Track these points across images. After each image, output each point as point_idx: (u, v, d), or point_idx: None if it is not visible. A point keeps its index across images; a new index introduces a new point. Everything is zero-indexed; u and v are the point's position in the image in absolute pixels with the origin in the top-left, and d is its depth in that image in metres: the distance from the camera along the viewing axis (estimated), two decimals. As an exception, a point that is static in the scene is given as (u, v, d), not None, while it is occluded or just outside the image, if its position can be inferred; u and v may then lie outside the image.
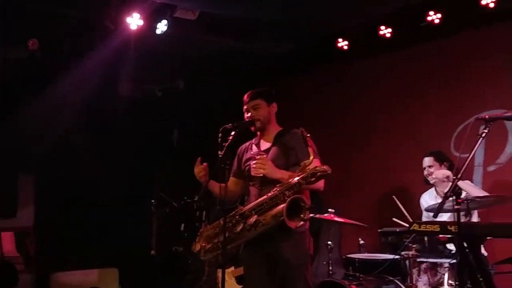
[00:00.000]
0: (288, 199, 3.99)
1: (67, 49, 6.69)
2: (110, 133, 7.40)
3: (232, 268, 5.90)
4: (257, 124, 4.46)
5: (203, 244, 4.41)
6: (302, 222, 4.04)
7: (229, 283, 6.03)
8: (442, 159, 5.63)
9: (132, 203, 7.26)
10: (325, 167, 4.01)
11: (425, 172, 5.66)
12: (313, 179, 4.00)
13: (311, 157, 4.02)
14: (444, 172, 5.33)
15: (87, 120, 7.27)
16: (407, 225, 5.28)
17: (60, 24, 6.44)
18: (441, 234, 4.38)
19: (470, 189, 5.32)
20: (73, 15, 6.34)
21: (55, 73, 6.75)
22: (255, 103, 4.46)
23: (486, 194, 5.22)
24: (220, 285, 4.18)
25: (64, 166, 7.06)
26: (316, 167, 4.00)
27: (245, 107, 4.50)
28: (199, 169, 4.52)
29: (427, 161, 5.66)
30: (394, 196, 5.61)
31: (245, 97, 4.51)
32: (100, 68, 6.75)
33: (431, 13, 6.26)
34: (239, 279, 5.80)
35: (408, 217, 5.43)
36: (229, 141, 4.24)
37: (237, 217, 4.26)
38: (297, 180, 4.01)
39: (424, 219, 5.58)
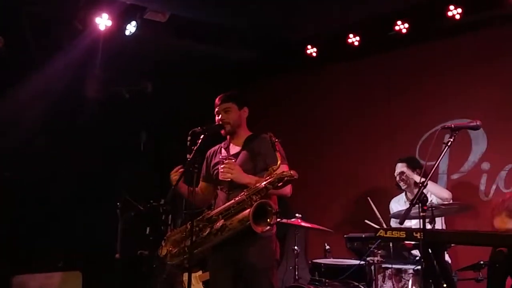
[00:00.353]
0: (255, 204, 4.01)
1: (33, 48, 6.60)
2: (76, 134, 7.29)
3: (200, 272, 5.89)
4: (227, 128, 4.47)
5: (170, 249, 4.40)
6: (268, 227, 4.06)
7: (196, 287, 6.02)
8: (414, 165, 5.70)
9: (97, 206, 7.17)
10: (292, 172, 4.04)
11: (397, 178, 5.72)
12: (280, 184, 4.03)
13: (279, 162, 4.05)
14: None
15: (52, 121, 7.16)
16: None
17: (27, 23, 6.35)
18: (407, 240, 4.46)
19: (437, 190, 5.41)
20: (41, 13, 6.25)
21: (20, 72, 6.65)
22: (226, 106, 4.47)
23: (450, 194, 5.30)
24: (186, 288, 4.15)
25: (27, 167, 6.94)
26: (283, 172, 4.03)
27: (216, 109, 4.50)
28: (175, 174, 4.48)
29: (400, 167, 5.72)
30: (369, 198, 5.66)
31: (217, 99, 4.52)
32: (67, 68, 6.64)
33: (399, 22, 6.34)
34: (206, 284, 5.79)
35: (381, 219, 5.48)
36: (198, 144, 4.23)
37: (204, 221, 4.27)
38: (264, 184, 4.03)
39: (392, 223, 5.65)
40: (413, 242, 4.79)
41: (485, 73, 6.06)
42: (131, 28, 6.45)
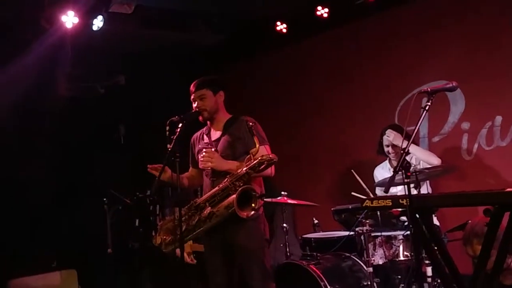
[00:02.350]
0: (238, 190, 4.07)
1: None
2: (55, 133, 7.25)
3: (191, 242, 5.87)
4: (204, 115, 4.47)
5: (164, 237, 4.46)
6: (253, 212, 4.13)
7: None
8: (401, 133, 5.50)
9: (84, 203, 7.15)
10: (271, 155, 4.10)
11: (389, 149, 5.58)
12: (261, 167, 4.08)
13: (257, 146, 4.08)
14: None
15: (28, 122, 7.10)
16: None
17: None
18: (393, 208, 4.48)
19: (425, 156, 5.40)
20: (5, 15, 6.16)
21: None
22: (200, 93, 4.45)
23: (439, 161, 5.30)
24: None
25: (5, 170, 6.88)
26: (262, 156, 4.07)
27: (192, 96, 4.49)
28: (154, 170, 4.45)
29: (392, 137, 5.48)
30: (352, 170, 5.65)
31: (191, 86, 4.50)
32: (36, 68, 6.58)
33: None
34: (199, 255, 5.81)
35: (367, 190, 5.48)
36: (177, 133, 4.22)
37: (192, 209, 4.31)
38: (245, 170, 4.09)
39: (378, 191, 5.68)
40: (400, 209, 4.82)
41: (457, 32, 6.04)
42: (98, 22, 6.37)
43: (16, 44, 6.45)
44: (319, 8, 6.76)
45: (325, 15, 6.78)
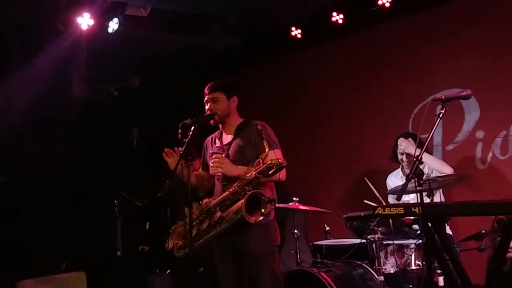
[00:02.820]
0: (246, 195, 4.06)
1: (15, 51, 6.55)
2: (68, 135, 7.29)
3: None
4: (215, 118, 4.48)
5: (176, 241, 4.46)
6: (262, 217, 4.11)
7: None
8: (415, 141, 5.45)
9: (95, 205, 7.16)
10: (280, 159, 4.08)
11: (403, 158, 5.55)
12: (270, 172, 4.06)
13: (267, 150, 4.08)
14: None
15: (42, 123, 7.14)
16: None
17: (8, 27, 6.31)
18: (406, 216, 4.45)
19: (438, 165, 5.36)
20: (22, 16, 6.20)
21: (4, 75, 6.61)
22: (214, 96, 4.46)
23: (451, 170, 5.25)
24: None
25: (19, 170, 6.92)
26: (271, 160, 4.05)
27: (205, 98, 4.50)
28: (171, 157, 4.47)
29: (406, 146, 5.45)
30: (365, 178, 5.62)
31: (206, 89, 4.52)
32: (52, 69, 6.62)
33: (382, -4, 6.30)
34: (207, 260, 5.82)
35: (380, 198, 5.44)
36: (189, 136, 4.23)
37: (203, 213, 4.29)
38: (254, 174, 4.08)
39: (390, 199, 5.64)
40: (412, 217, 4.78)
41: (473, 40, 5.99)
42: (113, 25, 6.41)
43: (32, 46, 6.50)
44: (334, 14, 6.73)
45: (340, 21, 6.74)
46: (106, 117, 7.52)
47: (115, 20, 6.39)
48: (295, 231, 5.48)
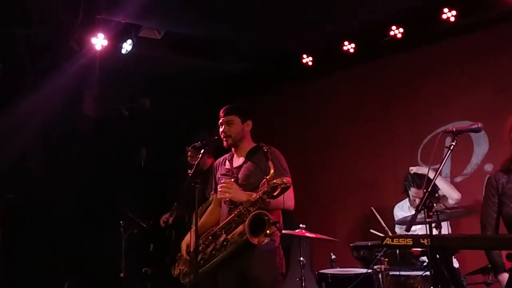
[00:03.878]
0: (250, 215, 4.02)
1: (30, 69, 6.62)
2: (77, 153, 7.31)
3: None
4: (228, 141, 4.46)
5: (182, 268, 4.41)
6: (266, 238, 4.05)
7: None
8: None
9: (100, 225, 7.16)
10: (285, 180, 4.04)
11: (417, 200, 5.54)
12: (275, 193, 4.02)
13: (272, 171, 4.05)
14: None
15: (52, 141, 7.18)
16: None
17: (23, 46, 6.37)
18: (414, 247, 4.40)
19: (447, 189, 5.38)
20: (37, 36, 6.27)
21: (19, 94, 6.67)
22: (229, 119, 4.45)
23: (459, 195, 5.26)
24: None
25: (28, 188, 6.93)
26: (275, 181, 4.02)
27: (220, 120, 4.49)
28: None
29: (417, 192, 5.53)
30: (372, 208, 5.61)
31: (221, 111, 4.51)
32: (65, 88, 6.68)
33: (394, 27, 6.33)
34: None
35: (386, 228, 5.44)
36: (199, 159, 4.23)
37: (209, 238, 4.26)
38: (259, 195, 4.05)
39: (397, 229, 5.62)
40: (420, 249, 4.75)
41: (483, 73, 6.04)
42: (127, 46, 6.49)
43: (46, 65, 6.55)
44: (346, 43, 6.78)
45: (352, 50, 6.79)
46: (115, 136, 7.55)
47: (129, 41, 6.47)
48: (301, 258, 5.45)
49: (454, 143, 3.59)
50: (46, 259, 7.01)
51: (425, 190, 3.50)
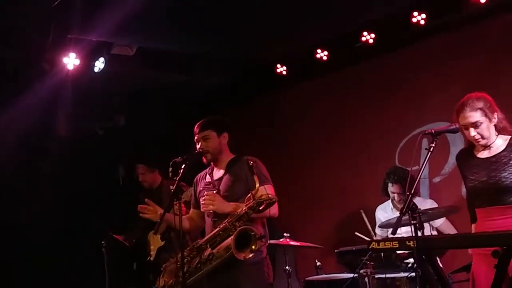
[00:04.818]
0: (236, 231, 4.01)
1: (1, 88, 6.55)
2: (53, 174, 7.23)
3: None
4: (207, 157, 4.45)
5: (167, 280, 4.38)
6: (252, 254, 4.04)
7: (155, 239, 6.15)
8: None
9: (81, 245, 7.08)
10: (270, 195, 4.05)
11: (395, 196, 5.67)
12: (261, 207, 4.03)
13: (257, 185, 4.04)
14: None
15: (27, 162, 7.10)
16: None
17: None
18: (400, 250, 4.43)
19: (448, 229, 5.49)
20: (8, 55, 6.21)
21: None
22: (204, 134, 4.44)
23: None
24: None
25: (4, 209, 6.86)
26: (261, 196, 4.01)
27: (195, 137, 4.48)
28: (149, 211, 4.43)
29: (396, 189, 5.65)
30: (362, 211, 5.63)
31: (196, 127, 4.49)
32: (37, 108, 6.61)
33: (365, 33, 6.39)
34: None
35: (372, 232, 5.49)
36: (180, 174, 4.21)
37: (194, 251, 4.25)
38: (245, 210, 4.04)
39: (378, 231, 5.67)
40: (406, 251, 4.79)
41: (454, 74, 6.11)
42: (99, 64, 6.46)
43: (18, 85, 6.49)
44: (319, 51, 6.82)
45: (325, 57, 6.84)
46: (92, 156, 7.48)
47: (101, 59, 6.44)
48: (287, 267, 5.45)
49: (433, 145, 3.65)
50: (26, 278, 6.91)
51: (408, 193, 3.54)
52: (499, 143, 3.80)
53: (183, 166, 4.22)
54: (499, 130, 3.82)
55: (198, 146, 4.46)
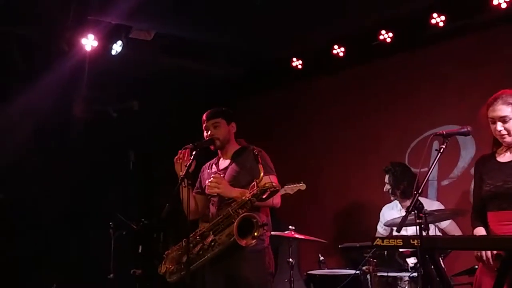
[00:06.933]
0: (238, 217, 4.04)
1: (20, 69, 6.60)
2: (65, 155, 7.29)
3: None
4: (216, 143, 4.49)
5: (169, 266, 4.41)
6: (254, 240, 4.08)
7: None
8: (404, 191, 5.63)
9: (89, 226, 7.14)
10: (274, 183, 4.07)
11: (385, 188, 5.73)
12: (264, 195, 4.05)
13: (261, 174, 4.07)
14: None
15: (40, 142, 7.16)
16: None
17: (13, 44, 6.36)
18: (404, 248, 4.47)
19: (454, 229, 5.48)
20: (28, 36, 6.26)
21: (8, 93, 6.65)
22: (215, 122, 4.48)
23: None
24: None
25: (17, 188, 6.91)
26: (265, 183, 4.04)
27: (204, 125, 4.52)
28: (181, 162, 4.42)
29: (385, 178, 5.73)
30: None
31: (204, 116, 4.53)
32: (54, 89, 6.66)
33: (383, 32, 6.39)
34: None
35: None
36: (190, 161, 4.24)
37: (197, 237, 4.29)
38: (248, 197, 4.06)
39: (380, 230, 5.68)
40: (409, 250, 4.81)
41: (471, 78, 6.09)
42: (117, 47, 6.48)
43: (38, 65, 6.53)
44: (336, 47, 6.83)
45: (341, 54, 6.84)
46: (104, 138, 7.53)
47: (119, 42, 6.46)
48: (290, 259, 5.49)
49: (444, 146, 3.66)
50: (34, 259, 6.99)
51: (415, 192, 3.56)
52: None
53: (193, 153, 4.27)
54: None
55: (206, 134, 4.50)
